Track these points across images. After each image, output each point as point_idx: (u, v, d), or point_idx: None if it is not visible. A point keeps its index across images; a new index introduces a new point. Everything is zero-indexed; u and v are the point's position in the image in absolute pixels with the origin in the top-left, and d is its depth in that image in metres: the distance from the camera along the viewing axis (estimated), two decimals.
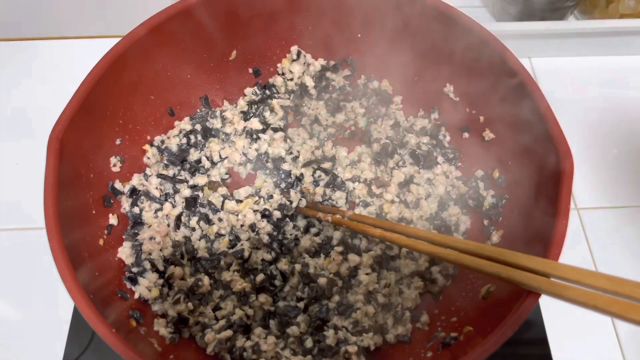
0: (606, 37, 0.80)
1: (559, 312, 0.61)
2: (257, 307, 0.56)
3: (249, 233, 0.61)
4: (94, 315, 0.42)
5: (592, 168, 0.73)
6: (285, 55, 0.70)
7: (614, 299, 0.34)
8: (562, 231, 0.45)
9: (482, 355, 0.41)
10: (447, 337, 0.50)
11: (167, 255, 0.58)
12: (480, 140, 0.62)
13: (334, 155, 0.67)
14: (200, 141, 0.66)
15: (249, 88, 0.70)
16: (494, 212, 0.59)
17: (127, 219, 0.59)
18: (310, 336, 0.54)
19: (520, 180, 0.56)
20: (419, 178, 0.65)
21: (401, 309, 0.56)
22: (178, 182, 0.63)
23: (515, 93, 0.54)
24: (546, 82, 0.80)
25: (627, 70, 0.82)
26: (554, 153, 0.48)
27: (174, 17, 0.58)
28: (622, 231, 0.68)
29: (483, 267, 0.43)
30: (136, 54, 0.57)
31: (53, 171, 0.47)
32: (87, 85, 0.52)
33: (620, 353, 0.60)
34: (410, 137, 0.67)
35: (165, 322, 0.53)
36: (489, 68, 0.57)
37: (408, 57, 0.65)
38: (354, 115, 0.70)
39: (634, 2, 0.79)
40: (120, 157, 0.60)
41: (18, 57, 0.83)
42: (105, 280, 0.52)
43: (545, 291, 0.39)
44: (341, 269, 0.58)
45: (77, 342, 0.59)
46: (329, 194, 0.65)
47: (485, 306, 0.51)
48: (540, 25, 0.78)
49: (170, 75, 0.63)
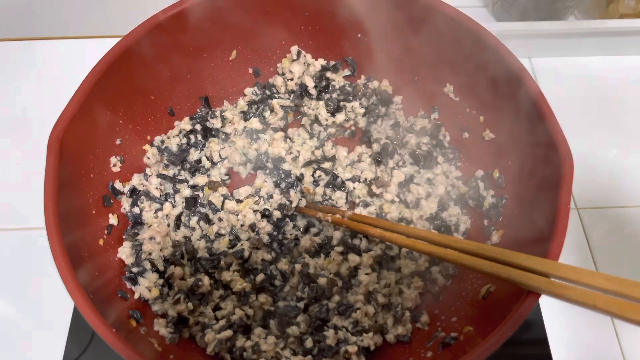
0: (606, 37, 0.80)
1: (559, 312, 0.61)
2: (257, 307, 0.56)
3: (249, 233, 0.61)
4: (94, 315, 0.42)
5: (592, 168, 0.73)
6: (285, 55, 0.70)
7: (613, 299, 0.34)
8: (562, 231, 0.45)
9: (482, 355, 0.41)
10: (447, 337, 0.50)
11: (167, 255, 0.58)
12: (480, 140, 0.62)
13: (334, 155, 0.67)
14: (200, 141, 0.66)
15: (249, 88, 0.70)
16: (494, 212, 0.59)
17: (127, 219, 0.59)
18: (310, 336, 0.54)
19: (520, 180, 0.56)
20: (419, 178, 0.65)
21: (401, 309, 0.56)
22: (178, 182, 0.63)
23: (515, 93, 0.54)
24: (546, 82, 0.79)
25: (627, 70, 0.82)
26: (554, 153, 0.48)
27: (174, 17, 0.58)
28: (622, 231, 0.68)
29: (483, 267, 0.43)
30: (136, 54, 0.57)
31: (53, 171, 0.47)
32: (87, 85, 0.52)
33: (620, 353, 0.60)
34: (410, 137, 0.67)
35: (165, 322, 0.53)
36: (489, 68, 0.57)
37: (408, 57, 0.65)
38: (354, 115, 0.70)
39: (634, 2, 0.79)
40: (120, 157, 0.60)
41: (18, 57, 0.83)
42: (105, 280, 0.52)
43: (545, 291, 0.39)
44: (341, 269, 0.58)
45: (77, 342, 0.59)
46: (329, 194, 0.65)
47: (485, 306, 0.51)
48: (540, 25, 0.78)
49: (170, 75, 0.63)
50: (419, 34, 0.61)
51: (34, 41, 0.84)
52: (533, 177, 0.53)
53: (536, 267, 0.40)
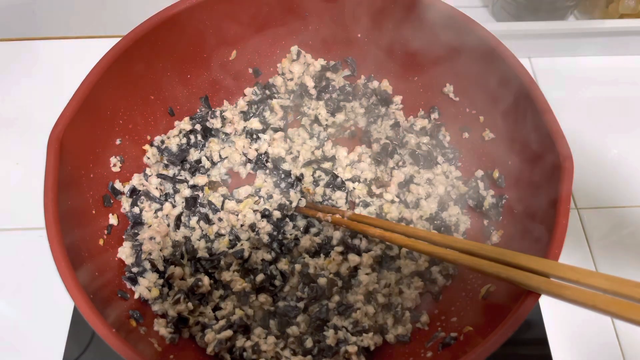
0: (606, 37, 0.80)
1: (559, 312, 0.61)
2: (257, 307, 0.56)
3: (249, 233, 0.61)
4: (94, 315, 0.42)
5: (592, 168, 0.73)
6: (285, 55, 0.70)
7: (613, 299, 0.34)
8: (562, 231, 0.45)
9: (482, 355, 0.41)
10: (447, 337, 0.50)
11: (167, 255, 0.58)
12: (480, 140, 0.62)
13: (334, 155, 0.67)
14: (200, 141, 0.66)
15: (249, 88, 0.70)
16: (494, 212, 0.59)
17: (127, 219, 0.59)
18: (310, 336, 0.54)
19: (520, 180, 0.56)
20: (419, 178, 0.65)
21: (401, 309, 0.56)
22: (178, 182, 0.63)
23: (515, 93, 0.54)
24: (546, 82, 0.79)
25: (627, 70, 0.82)
26: (554, 153, 0.48)
27: (174, 17, 0.58)
28: (622, 231, 0.68)
29: (483, 267, 0.43)
30: (136, 54, 0.57)
31: (53, 171, 0.47)
32: (87, 85, 0.52)
33: (620, 353, 0.60)
34: (410, 137, 0.67)
35: (165, 322, 0.53)
36: (489, 68, 0.57)
37: (408, 57, 0.65)
38: (354, 115, 0.70)
39: (634, 2, 0.79)
40: (120, 157, 0.60)
41: (18, 57, 0.83)
42: (105, 280, 0.52)
43: (544, 291, 0.39)
44: (341, 269, 0.58)
45: (77, 342, 0.59)
46: (329, 194, 0.65)
47: (485, 306, 0.51)
48: (540, 25, 0.78)
49: (170, 75, 0.63)
50: (419, 33, 0.61)
51: (34, 41, 0.84)
52: (533, 177, 0.53)
53: (536, 267, 0.40)
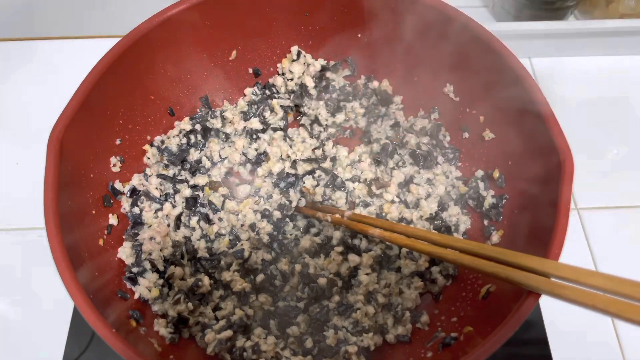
0: (606, 37, 0.80)
1: (559, 312, 0.61)
2: (257, 307, 0.56)
3: (249, 233, 0.61)
4: (94, 315, 0.42)
5: (592, 168, 0.73)
6: (285, 55, 0.70)
7: (613, 299, 0.34)
8: (562, 231, 0.45)
9: (482, 355, 0.41)
10: (447, 337, 0.50)
11: (167, 255, 0.58)
12: (480, 140, 0.62)
13: (334, 155, 0.67)
14: (200, 141, 0.66)
15: (249, 88, 0.70)
16: (494, 212, 0.59)
17: (127, 219, 0.59)
18: (310, 336, 0.54)
19: (520, 180, 0.56)
20: (419, 178, 0.65)
21: (401, 309, 0.56)
22: (178, 182, 0.63)
23: (515, 93, 0.54)
24: (546, 82, 0.79)
25: (627, 70, 0.82)
26: (554, 153, 0.48)
27: (174, 17, 0.58)
28: (622, 231, 0.68)
29: (483, 267, 0.43)
30: (136, 54, 0.57)
31: (53, 171, 0.47)
32: (87, 85, 0.52)
33: (620, 353, 0.60)
34: (410, 137, 0.67)
35: (165, 322, 0.53)
36: (489, 68, 0.57)
37: (408, 57, 0.65)
38: (354, 115, 0.70)
39: (634, 2, 0.79)
40: (120, 157, 0.60)
41: (18, 57, 0.83)
42: (105, 280, 0.52)
43: (544, 291, 0.39)
44: (341, 269, 0.58)
45: (77, 342, 0.59)
46: (329, 194, 0.65)
47: (485, 306, 0.51)
48: (540, 25, 0.78)
49: (170, 75, 0.63)
50: (419, 33, 0.61)
51: (34, 41, 0.84)
52: (533, 177, 0.53)
53: (536, 267, 0.40)
